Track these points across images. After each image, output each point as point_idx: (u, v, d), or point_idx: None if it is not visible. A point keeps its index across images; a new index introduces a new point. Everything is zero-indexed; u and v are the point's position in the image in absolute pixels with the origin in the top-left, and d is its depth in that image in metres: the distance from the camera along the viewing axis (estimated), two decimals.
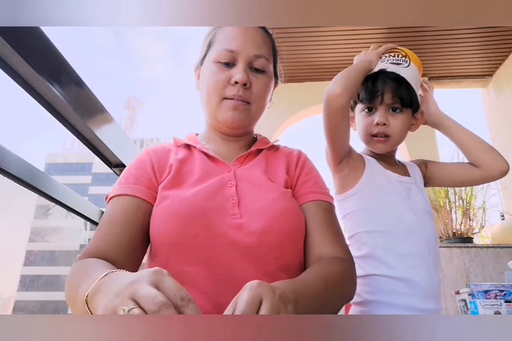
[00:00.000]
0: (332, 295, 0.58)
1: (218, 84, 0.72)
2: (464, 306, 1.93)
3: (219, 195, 0.67)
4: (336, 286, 0.59)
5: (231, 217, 0.64)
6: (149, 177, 0.70)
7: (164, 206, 0.65)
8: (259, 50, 0.73)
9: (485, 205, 2.67)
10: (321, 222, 0.70)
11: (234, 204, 0.66)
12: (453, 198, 2.71)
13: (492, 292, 1.74)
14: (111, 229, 0.63)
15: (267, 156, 0.79)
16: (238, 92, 0.71)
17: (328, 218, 0.71)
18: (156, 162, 0.73)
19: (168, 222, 0.63)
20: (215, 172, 0.72)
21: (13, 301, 24.94)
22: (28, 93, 0.70)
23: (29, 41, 0.64)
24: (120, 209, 0.65)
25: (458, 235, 2.58)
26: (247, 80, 0.71)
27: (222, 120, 0.73)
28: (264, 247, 0.62)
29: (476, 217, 2.64)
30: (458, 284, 2.22)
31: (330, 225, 0.71)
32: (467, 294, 1.90)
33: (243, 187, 0.69)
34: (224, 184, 0.69)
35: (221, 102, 0.72)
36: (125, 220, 0.64)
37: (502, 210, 2.83)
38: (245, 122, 0.74)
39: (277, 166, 0.77)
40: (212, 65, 0.73)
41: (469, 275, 2.26)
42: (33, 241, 28.56)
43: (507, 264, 2.07)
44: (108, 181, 41.34)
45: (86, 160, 44.57)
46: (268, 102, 0.79)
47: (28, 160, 0.74)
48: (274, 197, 0.68)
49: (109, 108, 0.94)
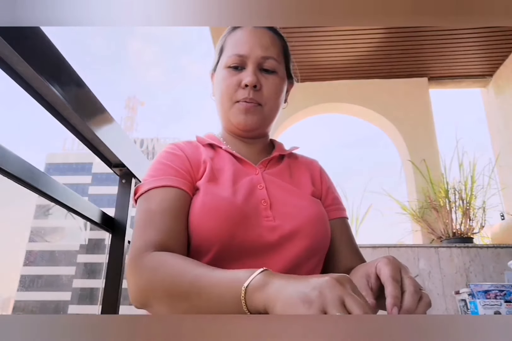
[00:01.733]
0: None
1: (230, 88, 0.73)
2: (464, 306, 1.93)
3: (252, 196, 0.68)
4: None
5: (264, 219, 0.66)
6: (187, 170, 0.70)
7: (204, 202, 0.65)
8: (267, 52, 0.74)
9: (485, 205, 2.67)
10: (348, 237, 0.77)
11: (266, 206, 0.68)
12: (453, 198, 2.71)
13: (492, 292, 1.74)
14: (167, 220, 0.62)
15: (290, 164, 0.81)
16: (249, 95, 0.72)
17: (351, 234, 0.79)
18: (190, 157, 0.73)
19: (208, 219, 0.63)
20: (244, 173, 0.73)
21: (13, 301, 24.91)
22: (28, 93, 0.70)
23: (29, 41, 0.64)
24: (168, 200, 0.64)
25: (458, 235, 2.58)
26: (257, 82, 0.72)
27: (236, 123, 0.74)
28: (296, 251, 0.65)
29: (476, 217, 2.64)
30: (458, 284, 2.22)
31: (354, 240, 0.78)
32: (467, 294, 1.90)
33: (273, 190, 0.71)
34: (254, 186, 0.70)
35: (233, 105, 0.74)
36: (177, 210, 0.64)
37: (502, 210, 2.83)
38: (257, 124, 0.75)
39: (302, 175, 0.80)
40: (224, 71, 0.75)
41: (469, 275, 2.26)
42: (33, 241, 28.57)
43: (507, 264, 2.07)
44: (108, 181, 41.33)
45: (86, 160, 44.57)
46: (281, 103, 0.80)
47: (28, 160, 0.74)
48: (305, 203, 0.71)
49: (109, 108, 0.94)
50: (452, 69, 3.34)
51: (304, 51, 3.11)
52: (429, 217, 2.80)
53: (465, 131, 4.71)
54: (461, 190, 2.71)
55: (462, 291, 1.95)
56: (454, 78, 3.42)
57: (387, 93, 3.38)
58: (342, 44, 3.06)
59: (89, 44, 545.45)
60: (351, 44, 3.05)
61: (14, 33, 0.59)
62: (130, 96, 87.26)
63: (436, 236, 2.72)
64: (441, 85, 3.46)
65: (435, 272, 2.28)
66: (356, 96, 3.38)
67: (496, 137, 3.35)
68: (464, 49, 3.11)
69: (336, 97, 3.43)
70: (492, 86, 3.40)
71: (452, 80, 3.43)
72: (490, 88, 3.43)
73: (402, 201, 2.99)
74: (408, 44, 3.06)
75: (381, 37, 2.99)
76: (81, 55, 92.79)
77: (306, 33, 2.93)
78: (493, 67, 3.31)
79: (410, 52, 3.14)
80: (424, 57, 3.20)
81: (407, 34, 2.95)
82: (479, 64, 3.28)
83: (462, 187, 2.72)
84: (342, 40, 3.01)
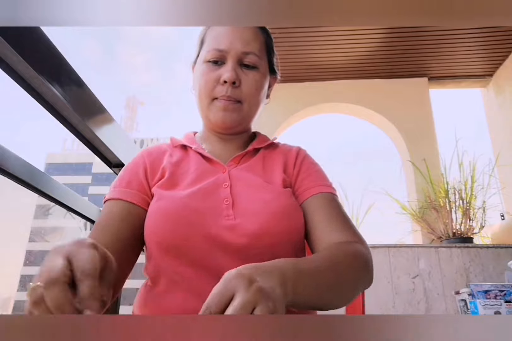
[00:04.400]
0: (340, 274, 0.55)
1: (208, 84, 0.71)
2: (464, 306, 1.93)
3: (213, 196, 0.66)
4: (345, 265, 0.56)
5: (225, 218, 0.64)
6: (140, 181, 0.71)
7: (158, 206, 0.65)
8: (247, 47, 0.72)
9: (485, 205, 2.67)
10: (327, 212, 0.68)
11: (228, 205, 0.66)
12: (453, 198, 2.71)
13: (492, 292, 1.75)
14: (100, 233, 0.63)
15: (265, 156, 0.78)
16: (226, 93, 0.70)
17: (333, 206, 0.69)
18: (149, 164, 0.73)
19: (163, 222, 0.63)
20: (210, 173, 0.71)
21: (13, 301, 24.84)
22: (28, 93, 0.70)
23: (29, 41, 0.64)
24: (110, 213, 0.66)
25: (458, 235, 2.58)
26: (236, 78, 0.70)
27: (214, 121, 0.73)
28: (257, 248, 0.62)
29: (476, 217, 2.64)
30: (458, 284, 2.22)
31: (336, 213, 0.68)
32: (467, 294, 1.90)
33: (238, 188, 0.69)
34: (219, 185, 0.69)
35: (212, 102, 0.72)
36: (114, 224, 0.64)
37: (502, 210, 2.83)
38: (236, 122, 0.73)
39: (274, 166, 0.75)
40: (203, 65, 0.73)
41: (469, 275, 2.26)
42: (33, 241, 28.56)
43: (507, 264, 2.07)
44: (108, 181, 41.29)
45: (86, 160, 44.56)
46: (263, 99, 0.77)
47: (28, 160, 0.74)
48: (269, 198, 0.67)
49: (109, 108, 0.94)
50: (452, 69, 3.34)
51: (304, 51, 3.11)
52: (429, 217, 2.80)
53: (465, 131, 4.70)
54: (461, 189, 2.71)
55: (462, 291, 1.95)
56: (454, 78, 3.42)
57: (387, 93, 3.38)
58: (342, 44, 3.05)
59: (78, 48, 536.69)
60: (351, 44, 3.05)
61: (14, 33, 0.59)
62: (130, 96, 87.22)
63: (436, 236, 2.71)
64: (441, 85, 3.46)
65: (435, 272, 2.28)
66: (356, 96, 3.38)
67: (496, 137, 3.35)
68: (464, 49, 3.11)
69: (336, 97, 3.43)
70: (492, 86, 3.40)
71: (452, 80, 3.43)
72: (490, 88, 3.43)
73: (402, 201, 2.99)
74: (408, 44, 3.06)
75: (382, 37, 2.99)
76: (73, 59, 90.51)
77: (306, 33, 2.93)
78: (493, 67, 3.31)
79: (410, 52, 3.14)
80: (424, 57, 3.19)
81: (407, 34, 2.95)
82: (479, 64, 3.28)
83: (462, 186, 2.72)
84: (342, 40, 3.01)
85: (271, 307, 0.39)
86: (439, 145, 3.19)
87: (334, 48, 3.10)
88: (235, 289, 0.39)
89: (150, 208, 0.66)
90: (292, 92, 3.40)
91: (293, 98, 3.40)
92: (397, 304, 2.21)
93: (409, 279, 2.27)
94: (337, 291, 0.54)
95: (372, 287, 0.64)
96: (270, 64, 0.79)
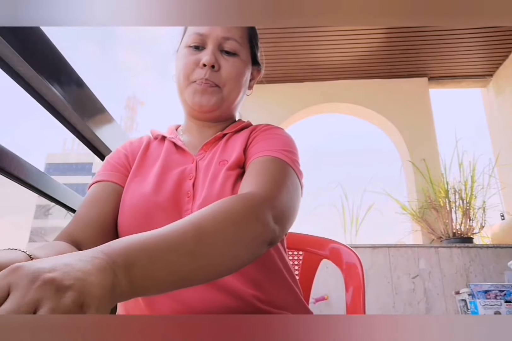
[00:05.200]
0: (202, 240, 0.42)
1: (188, 67, 0.71)
2: (464, 306, 1.93)
3: (176, 189, 0.65)
4: (215, 226, 0.44)
5: (185, 213, 0.63)
6: (123, 164, 0.72)
7: (124, 200, 0.66)
8: (228, 33, 0.71)
9: (485, 205, 2.67)
10: (256, 171, 0.60)
11: (189, 198, 0.64)
12: (453, 198, 2.71)
13: (492, 292, 1.75)
14: (82, 211, 0.63)
15: (229, 138, 0.73)
16: (205, 76, 0.69)
17: (267, 167, 0.60)
18: (130, 152, 0.75)
19: (127, 216, 0.63)
20: (178, 163, 0.70)
21: None
22: (28, 93, 0.70)
23: (29, 41, 0.64)
24: (94, 193, 0.66)
25: (458, 235, 2.58)
26: (215, 62, 0.69)
27: (191, 103, 0.71)
28: None
29: (476, 217, 2.64)
30: (458, 284, 2.22)
31: (264, 171, 0.59)
32: (467, 294, 1.90)
33: (202, 179, 0.66)
34: (185, 177, 0.67)
35: (190, 85, 0.71)
36: (96, 201, 0.65)
37: (502, 210, 2.83)
38: (215, 105, 0.71)
39: (235, 147, 0.70)
40: (184, 50, 0.73)
41: (469, 275, 2.26)
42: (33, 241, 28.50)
43: (507, 264, 2.07)
44: None
45: (86, 160, 44.55)
46: (243, 87, 0.75)
47: (28, 160, 0.74)
48: (220, 189, 0.62)
49: (109, 108, 0.94)
50: (452, 69, 3.34)
51: (304, 51, 3.11)
52: (429, 217, 2.80)
53: (465, 131, 4.71)
54: (461, 190, 2.71)
55: (462, 291, 1.95)
56: (454, 78, 3.42)
57: (387, 93, 3.38)
58: (342, 44, 3.05)
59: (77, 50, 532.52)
60: (351, 44, 3.05)
61: (14, 33, 0.59)
62: (130, 96, 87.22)
63: (436, 236, 2.72)
64: (441, 85, 3.46)
65: (435, 272, 2.28)
66: (356, 96, 3.38)
67: (496, 137, 3.35)
68: (464, 49, 3.11)
69: (336, 97, 3.43)
70: (492, 86, 3.40)
71: (452, 80, 3.43)
72: (490, 88, 3.43)
73: (402, 201, 2.99)
74: (408, 44, 3.06)
75: (381, 37, 2.99)
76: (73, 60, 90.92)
77: (306, 33, 2.93)
78: (493, 67, 3.31)
79: (410, 52, 3.14)
80: (424, 57, 3.20)
81: (407, 34, 2.95)
82: (479, 64, 3.28)
83: (462, 187, 2.72)
84: (342, 40, 3.01)
85: (69, 302, 0.28)
86: (439, 145, 3.19)
87: (334, 48, 3.10)
88: (10, 286, 0.28)
89: (121, 201, 0.66)
90: (292, 92, 3.41)
91: (293, 98, 3.40)
92: (397, 304, 2.21)
93: (409, 279, 2.27)
94: (205, 259, 0.42)
95: (372, 287, 0.63)
96: (253, 55, 0.78)
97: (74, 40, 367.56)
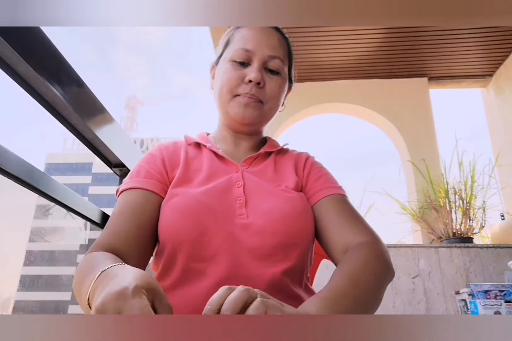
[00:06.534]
0: (366, 291, 0.55)
1: (232, 81, 0.72)
2: (464, 306, 1.93)
3: (227, 195, 0.67)
4: (365, 276, 0.57)
5: (238, 217, 0.65)
6: (159, 171, 0.71)
7: (173, 203, 0.65)
8: (274, 51, 0.74)
9: (485, 205, 2.67)
10: (338, 212, 0.70)
11: (241, 204, 0.66)
12: (453, 198, 2.71)
13: (492, 292, 1.75)
14: (119, 221, 0.63)
15: (276, 160, 0.79)
16: (250, 91, 0.71)
17: (344, 207, 0.71)
18: (167, 157, 0.74)
19: (177, 218, 0.63)
20: (223, 172, 0.72)
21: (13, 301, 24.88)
22: (28, 93, 0.70)
23: (29, 41, 0.64)
24: (129, 202, 0.65)
25: (458, 235, 2.58)
26: (261, 79, 0.72)
27: (234, 115, 0.73)
28: (268, 248, 0.63)
29: (476, 217, 2.64)
30: (458, 284, 2.22)
31: (347, 213, 0.70)
32: (467, 294, 1.90)
33: (251, 188, 0.70)
34: (232, 184, 0.69)
35: (234, 98, 0.73)
36: (133, 211, 0.64)
37: (502, 210, 2.83)
38: (256, 119, 0.74)
39: (286, 169, 0.77)
40: (227, 64, 0.74)
41: (469, 275, 2.26)
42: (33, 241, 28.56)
43: (507, 264, 2.07)
44: (108, 181, 41.35)
45: (86, 160, 44.56)
46: (280, 104, 0.80)
47: (28, 160, 0.74)
48: (281, 199, 0.68)
49: (109, 108, 0.94)
50: (452, 69, 3.34)
51: (304, 51, 3.11)
52: (429, 217, 2.80)
53: (465, 131, 4.71)
54: (461, 190, 2.71)
55: (462, 291, 1.95)
56: (454, 78, 3.42)
57: (387, 93, 3.38)
58: (342, 44, 3.05)
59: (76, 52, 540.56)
60: (351, 44, 3.05)
61: (14, 33, 0.59)
62: (130, 96, 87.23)
63: (436, 236, 2.72)
64: (441, 85, 3.46)
65: (435, 272, 2.28)
66: (356, 96, 3.38)
67: (496, 137, 3.35)
68: (464, 49, 3.11)
69: (336, 97, 3.43)
70: (492, 86, 3.40)
71: (452, 80, 3.43)
72: (490, 88, 3.43)
73: (402, 201, 2.99)
74: (408, 44, 3.06)
75: (381, 37, 2.99)
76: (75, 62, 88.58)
77: (306, 33, 2.93)
78: (493, 67, 3.31)
79: (410, 52, 3.14)
80: (424, 57, 3.19)
81: (407, 34, 2.95)
82: (479, 64, 3.28)
83: (462, 186, 2.72)
84: (342, 40, 3.01)
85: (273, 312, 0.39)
86: (439, 145, 3.19)
87: (334, 48, 3.10)
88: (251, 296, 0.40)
89: (164, 205, 0.66)
90: (292, 92, 3.40)
91: (293, 98, 3.39)
92: (397, 304, 2.21)
93: (409, 279, 2.27)
94: (366, 305, 0.54)
95: None
96: (289, 72, 0.82)
97: (74, 40, 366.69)
